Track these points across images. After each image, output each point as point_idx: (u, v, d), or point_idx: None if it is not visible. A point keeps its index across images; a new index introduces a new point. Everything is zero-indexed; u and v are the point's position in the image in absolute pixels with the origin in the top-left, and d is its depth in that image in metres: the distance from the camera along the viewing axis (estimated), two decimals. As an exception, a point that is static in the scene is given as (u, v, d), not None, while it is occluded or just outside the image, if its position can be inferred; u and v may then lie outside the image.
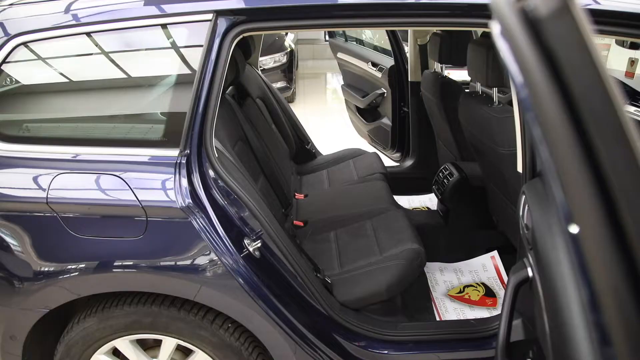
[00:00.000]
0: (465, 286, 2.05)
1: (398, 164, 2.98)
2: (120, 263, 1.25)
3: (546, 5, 0.25)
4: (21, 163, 1.29)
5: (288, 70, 5.67)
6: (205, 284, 1.26)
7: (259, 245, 1.30)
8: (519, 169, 1.37)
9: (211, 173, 1.29)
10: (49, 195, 1.23)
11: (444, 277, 2.11)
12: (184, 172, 1.23)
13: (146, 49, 1.34)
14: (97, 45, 1.32)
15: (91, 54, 1.34)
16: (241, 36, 1.32)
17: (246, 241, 1.29)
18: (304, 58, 8.86)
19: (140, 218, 1.23)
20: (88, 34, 1.28)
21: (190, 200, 1.21)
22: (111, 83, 1.37)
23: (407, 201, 2.80)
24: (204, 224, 1.22)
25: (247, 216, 1.34)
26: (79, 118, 1.37)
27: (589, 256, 0.27)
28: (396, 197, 2.59)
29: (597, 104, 0.24)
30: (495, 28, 0.33)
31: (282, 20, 1.33)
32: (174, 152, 1.25)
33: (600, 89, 0.24)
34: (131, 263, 1.25)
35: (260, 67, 5.37)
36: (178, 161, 1.24)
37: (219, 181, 1.30)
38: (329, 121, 5.32)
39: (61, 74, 1.36)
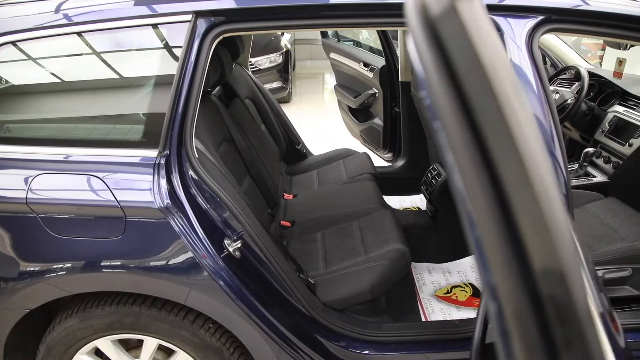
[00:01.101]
0: (452, 287, 2.05)
1: (390, 164, 2.98)
2: (100, 263, 1.25)
3: (438, 5, 0.25)
4: (1, 163, 1.29)
5: (284, 70, 5.67)
6: (185, 285, 1.26)
7: (239, 245, 1.30)
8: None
9: (191, 173, 1.29)
10: (28, 196, 1.23)
11: (431, 278, 2.11)
12: (162, 172, 1.23)
13: (126, 50, 1.34)
14: (78, 46, 1.32)
15: (72, 55, 1.35)
16: (221, 37, 1.32)
17: (226, 242, 1.29)
18: (302, 58, 8.87)
19: (118, 218, 1.23)
20: (69, 34, 1.28)
21: (169, 201, 1.21)
22: (92, 84, 1.37)
23: (398, 201, 2.80)
24: (183, 224, 1.22)
25: (227, 217, 1.34)
26: (61, 119, 1.37)
27: (492, 265, 0.27)
28: (388, 197, 2.59)
29: (487, 109, 0.24)
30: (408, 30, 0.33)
31: (262, 20, 1.33)
32: (152, 153, 1.25)
33: (488, 94, 0.24)
34: (110, 263, 1.25)
35: (255, 67, 5.40)
36: (157, 162, 1.24)
37: (199, 182, 1.30)
38: (325, 121, 5.32)
39: (43, 74, 1.37)
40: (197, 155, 1.32)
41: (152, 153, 1.25)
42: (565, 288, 0.23)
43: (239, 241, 1.31)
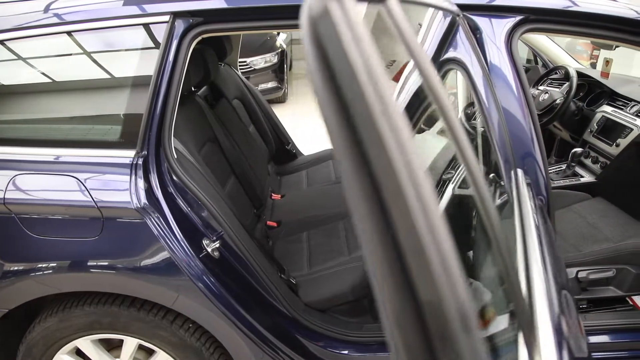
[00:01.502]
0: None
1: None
2: (77, 263, 1.25)
3: (316, 5, 0.25)
4: (-21, 164, 1.29)
5: (279, 70, 5.66)
6: (162, 285, 1.27)
7: (217, 245, 1.30)
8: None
9: (169, 174, 1.29)
10: (6, 196, 1.24)
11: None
12: (140, 173, 1.23)
13: (105, 51, 1.34)
14: (56, 47, 1.32)
15: (50, 56, 1.35)
16: (200, 37, 1.32)
17: (205, 242, 1.29)
18: (299, 58, 8.86)
19: (96, 219, 1.23)
20: (47, 35, 1.29)
21: (146, 201, 1.21)
22: (71, 85, 1.37)
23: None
24: (160, 225, 1.22)
25: (206, 217, 1.34)
26: (40, 119, 1.38)
27: (373, 267, 0.27)
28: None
29: (361, 115, 0.24)
30: None
31: (241, 21, 1.33)
32: (130, 154, 1.25)
33: (361, 100, 0.24)
34: (88, 263, 1.25)
35: (250, 67, 5.39)
36: (134, 162, 1.24)
37: (177, 182, 1.30)
38: (321, 122, 5.30)
39: (22, 74, 1.37)
40: (175, 156, 1.32)
41: (130, 153, 1.25)
42: (436, 295, 0.23)
43: (218, 241, 1.31)
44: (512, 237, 0.81)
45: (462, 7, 1.27)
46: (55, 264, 1.26)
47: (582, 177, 2.25)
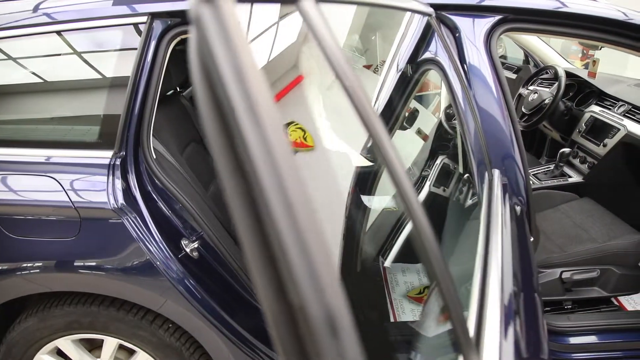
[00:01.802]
0: (425, 287, 2.04)
1: (373, 164, 2.97)
2: (55, 264, 1.26)
3: (193, 9, 0.25)
4: (-42, 165, 1.30)
5: (276, 70, 5.65)
6: (140, 285, 1.27)
7: (196, 246, 1.31)
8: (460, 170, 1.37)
9: (147, 174, 1.29)
10: (-16, 197, 1.24)
11: (405, 278, 2.11)
12: (117, 173, 1.24)
13: (83, 52, 1.34)
14: (35, 47, 1.33)
15: (30, 57, 1.35)
16: (179, 38, 1.32)
17: (184, 242, 1.29)
18: (298, 58, 8.84)
19: (73, 219, 1.23)
20: (24, 36, 1.29)
21: (123, 202, 1.22)
22: (49, 86, 1.38)
23: (378, 201, 2.79)
24: (137, 225, 1.23)
25: (185, 217, 1.35)
26: (18, 120, 1.38)
27: (250, 268, 0.27)
28: (370, 197, 2.58)
29: (230, 115, 0.24)
30: None
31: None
32: (108, 154, 1.25)
33: (228, 101, 0.24)
34: (65, 263, 1.26)
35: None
36: (112, 163, 1.24)
37: (156, 183, 1.31)
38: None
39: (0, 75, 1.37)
40: (154, 156, 1.32)
41: (108, 154, 1.25)
42: (298, 297, 0.23)
43: (197, 242, 1.32)
44: (475, 238, 0.81)
45: (441, 6, 1.27)
46: (32, 264, 1.26)
47: (570, 177, 2.25)
